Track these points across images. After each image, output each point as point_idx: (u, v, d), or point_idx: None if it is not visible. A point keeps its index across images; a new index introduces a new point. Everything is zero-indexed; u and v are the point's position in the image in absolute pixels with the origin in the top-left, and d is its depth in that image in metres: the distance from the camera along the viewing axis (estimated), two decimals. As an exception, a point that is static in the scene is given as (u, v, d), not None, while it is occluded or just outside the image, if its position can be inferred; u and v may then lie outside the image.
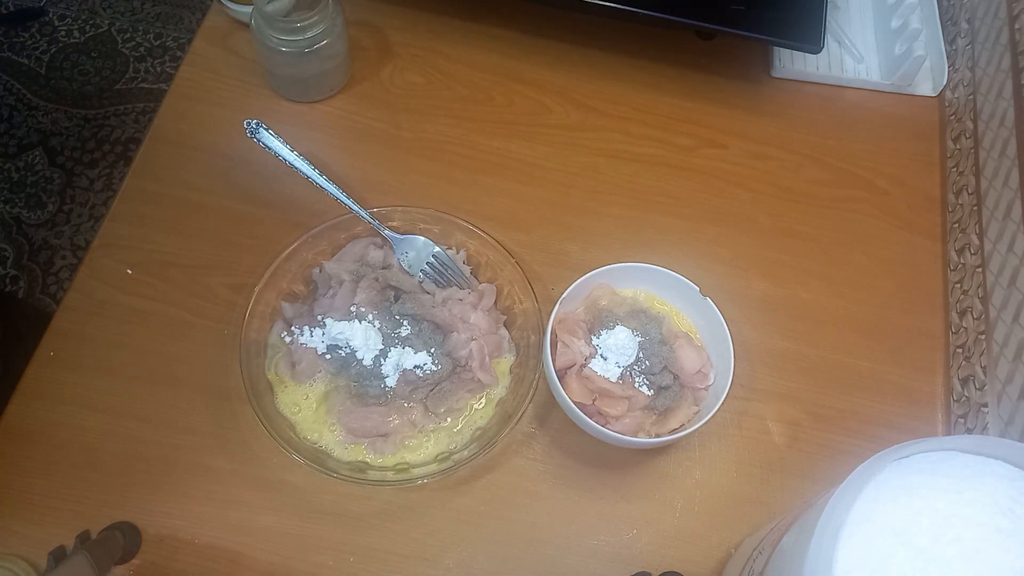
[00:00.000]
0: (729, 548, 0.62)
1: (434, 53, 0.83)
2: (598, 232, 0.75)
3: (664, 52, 0.84)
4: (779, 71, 0.84)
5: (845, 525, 0.39)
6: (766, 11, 0.76)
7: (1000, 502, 0.38)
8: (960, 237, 0.74)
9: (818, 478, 0.65)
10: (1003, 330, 0.64)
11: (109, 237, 0.71)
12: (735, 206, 0.77)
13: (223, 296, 0.69)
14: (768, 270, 0.74)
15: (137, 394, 0.65)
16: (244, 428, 0.63)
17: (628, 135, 0.80)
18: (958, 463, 0.40)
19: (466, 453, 0.61)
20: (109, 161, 1.68)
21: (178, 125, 0.77)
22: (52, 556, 0.55)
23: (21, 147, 1.69)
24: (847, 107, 0.84)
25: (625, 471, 0.65)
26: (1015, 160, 0.68)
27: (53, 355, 0.66)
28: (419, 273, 0.67)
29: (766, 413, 0.68)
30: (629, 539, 0.63)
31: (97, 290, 0.69)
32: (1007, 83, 0.72)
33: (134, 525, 0.60)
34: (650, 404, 0.62)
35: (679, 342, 0.64)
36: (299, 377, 0.63)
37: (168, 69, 1.81)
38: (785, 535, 0.46)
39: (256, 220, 0.72)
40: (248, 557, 0.60)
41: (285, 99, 0.78)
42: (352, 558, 0.61)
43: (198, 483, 0.62)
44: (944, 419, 0.69)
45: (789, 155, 0.81)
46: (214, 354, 0.66)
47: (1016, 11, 0.73)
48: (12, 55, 1.80)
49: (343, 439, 0.62)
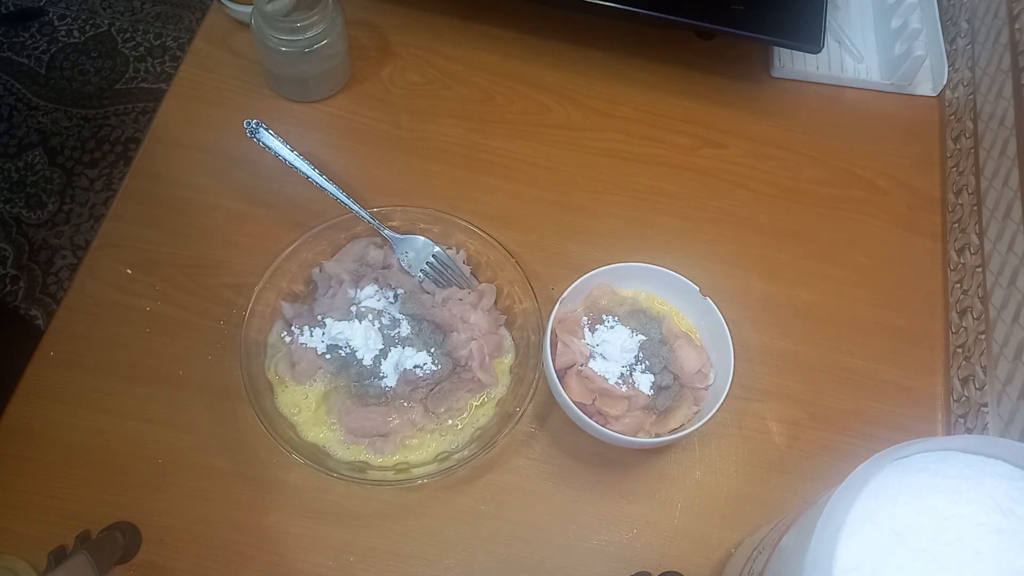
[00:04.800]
0: (729, 548, 0.62)
1: (434, 53, 0.83)
2: (598, 232, 0.75)
3: (664, 52, 0.84)
4: (779, 71, 0.84)
5: (845, 525, 0.39)
6: (766, 11, 0.76)
7: (1000, 502, 0.38)
8: (960, 237, 0.74)
9: (818, 478, 0.65)
10: (1003, 330, 0.64)
11: (109, 237, 0.71)
12: (735, 206, 0.77)
13: (223, 296, 0.69)
14: (768, 270, 0.74)
15: (137, 394, 0.65)
16: (244, 428, 0.63)
17: (628, 135, 0.80)
18: (958, 463, 0.40)
19: (466, 453, 0.61)
20: (109, 161, 1.68)
21: (178, 125, 0.77)
22: (52, 556, 0.55)
23: (21, 147, 1.69)
24: (847, 107, 0.84)
25: (625, 471, 0.65)
26: (1015, 160, 0.68)
27: (53, 355, 0.66)
28: (419, 273, 0.67)
29: (766, 413, 0.68)
30: (629, 539, 0.63)
31: (97, 290, 0.69)
32: (1007, 83, 0.72)
33: (134, 525, 0.60)
34: (650, 404, 0.62)
35: (679, 342, 0.64)
36: (299, 377, 0.63)
37: (168, 69, 1.81)
38: (785, 535, 0.46)
39: (256, 220, 0.72)
40: (248, 557, 0.60)
41: (285, 99, 0.78)
42: (352, 558, 0.61)
43: (198, 483, 0.62)
44: (944, 419, 0.69)
45: (789, 155, 0.81)
46: (214, 354, 0.66)
47: (1016, 11, 0.73)
48: (12, 55, 1.80)
49: (343, 439, 0.62)
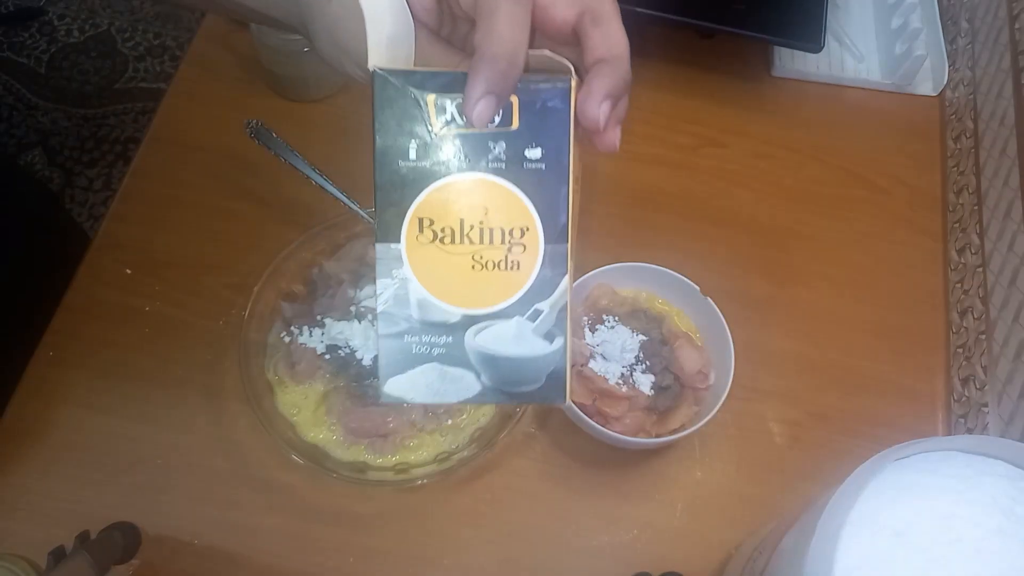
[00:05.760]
0: (729, 548, 0.62)
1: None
2: (598, 232, 0.74)
3: (665, 51, 0.84)
4: (780, 70, 0.84)
5: (845, 525, 0.39)
6: (767, 10, 0.76)
7: (1000, 502, 0.38)
8: (961, 237, 0.74)
9: (818, 478, 0.65)
10: (1003, 330, 0.64)
11: (109, 237, 0.71)
12: (736, 205, 0.77)
13: (223, 296, 0.69)
14: (769, 270, 0.74)
15: (137, 394, 0.65)
16: (244, 428, 0.63)
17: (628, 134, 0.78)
18: (958, 463, 0.40)
19: (466, 454, 0.61)
20: (108, 161, 1.68)
21: (178, 125, 0.77)
22: (52, 556, 0.55)
23: (21, 147, 1.69)
24: (848, 106, 0.84)
25: (625, 471, 0.65)
26: (1015, 160, 0.68)
27: (53, 355, 0.66)
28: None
29: (767, 413, 0.68)
30: (629, 539, 0.63)
31: (97, 290, 0.69)
32: (1007, 82, 0.72)
33: (134, 525, 0.60)
34: (650, 404, 0.62)
35: (680, 342, 0.64)
36: (298, 377, 0.63)
37: (168, 69, 1.81)
38: (786, 535, 0.46)
39: (256, 220, 0.72)
40: (248, 557, 0.60)
41: (285, 99, 0.78)
42: (352, 558, 0.61)
43: (198, 483, 0.62)
44: (944, 419, 0.69)
45: (790, 154, 0.80)
46: (214, 354, 0.66)
47: (1016, 11, 0.73)
48: (12, 55, 1.80)
49: (343, 439, 0.62)
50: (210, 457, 0.63)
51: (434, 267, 0.36)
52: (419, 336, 0.37)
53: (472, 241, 0.36)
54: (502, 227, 0.36)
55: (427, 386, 0.37)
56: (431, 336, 0.37)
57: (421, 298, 0.36)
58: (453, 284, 0.36)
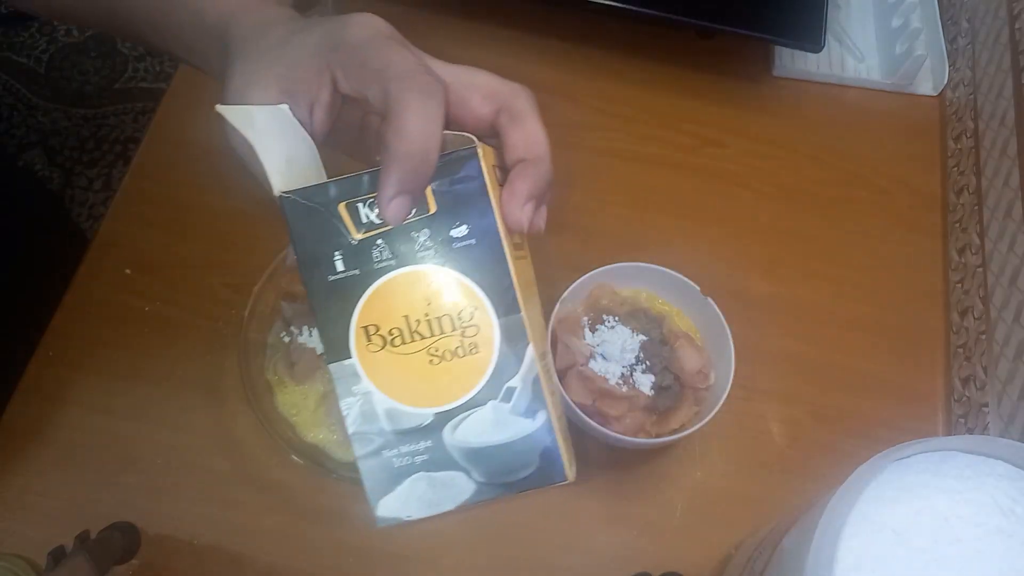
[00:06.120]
0: (729, 548, 0.62)
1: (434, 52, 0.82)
2: (598, 232, 0.74)
3: (664, 51, 0.84)
4: (780, 70, 0.84)
5: (846, 525, 0.39)
6: (767, 10, 0.76)
7: (1000, 502, 0.38)
8: (961, 236, 0.74)
9: (819, 478, 0.65)
10: (1004, 330, 0.64)
11: (109, 237, 0.71)
12: (736, 205, 0.77)
13: (223, 296, 0.69)
14: (769, 269, 0.74)
15: (136, 394, 0.65)
16: (243, 428, 0.63)
17: (628, 135, 0.80)
18: (958, 463, 0.40)
19: (466, 453, 0.61)
20: (108, 161, 1.68)
21: (177, 125, 0.77)
22: (52, 556, 0.55)
23: (21, 147, 1.69)
24: (848, 106, 0.84)
25: (625, 471, 0.65)
26: (1015, 159, 0.68)
27: (53, 355, 0.66)
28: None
29: (767, 413, 0.68)
30: (629, 539, 0.63)
31: (97, 290, 0.69)
32: (1007, 82, 0.72)
33: (134, 525, 0.60)
34: (651, 404, 0.62)
35: (680, 342, 0.64)
36: (298, 377, 0.63)
37: (167, 68, 1.81)
38: (786, 535, 0.46)
39: (256, 220, 0.72)
40: (247, 557, 0.60)
41: (285, 99, 0.78)
42: (352, 558, 0.61)
43: (197, 483, 0.62)
44: (944, 419, 0.69)
45: (790, 154, 0.80)
46: (213, 354, 0.66)
47: (1016, 11, 0.73)
48: (11, 55, 1.80)
49: (343, 439, 0.62)
50: (210, 457, 0.63)
51: (392, 373, 0.35)
52: (397, 448, 0.35)
53: (423, 336, 0.34)
54: (448, 313, 0.34)
55: (419, 499, 0.36)
56: (409, 445, 0.35)
57: (388, 408, 0.35)
58: (416, 385, 0.35)
